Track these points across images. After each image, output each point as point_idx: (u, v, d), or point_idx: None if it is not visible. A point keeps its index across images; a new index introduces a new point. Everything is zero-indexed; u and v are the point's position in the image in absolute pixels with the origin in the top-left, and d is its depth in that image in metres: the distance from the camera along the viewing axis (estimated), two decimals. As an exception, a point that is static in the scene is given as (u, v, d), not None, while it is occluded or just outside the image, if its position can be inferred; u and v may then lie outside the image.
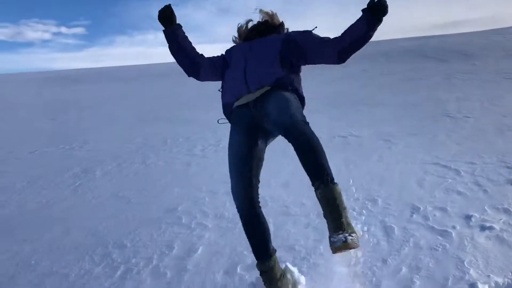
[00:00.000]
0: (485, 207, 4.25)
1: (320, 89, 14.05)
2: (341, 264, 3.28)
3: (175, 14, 2.94)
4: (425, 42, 24.39)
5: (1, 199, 5.28)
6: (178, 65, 3.15)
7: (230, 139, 2.82)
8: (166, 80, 23.64)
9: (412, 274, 3.08)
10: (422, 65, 17.82)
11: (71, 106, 13.51)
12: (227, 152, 2.87)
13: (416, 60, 19.29)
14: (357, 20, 2.75)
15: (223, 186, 5.39)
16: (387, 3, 2.64)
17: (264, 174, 5.72)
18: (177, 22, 2.98)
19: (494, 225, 3.80)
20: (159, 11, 2.92)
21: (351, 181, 5.33)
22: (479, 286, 2.86)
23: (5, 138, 9.29)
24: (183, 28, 3.02)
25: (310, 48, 2.89)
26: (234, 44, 3.21)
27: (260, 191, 2.83)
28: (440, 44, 22.47)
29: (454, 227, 3.82)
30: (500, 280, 2.95)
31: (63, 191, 5.55)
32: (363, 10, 2.71)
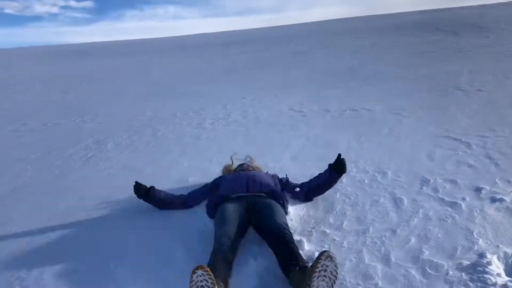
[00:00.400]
0: (496, 180, 4.24)
1: (330, 64, 13.92)
2: (350, 234, 3.32)
3: (142, 186, 3.93)
4: (438, 15, 23.92)
5: (16, 170, 5.37)
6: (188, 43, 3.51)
7: (223, 211, 3.36)
8: (176, 54, 23.55)
9: (421, 244, 3.11)
10: (434, 38, 17.52)
11: (82, 79, 13.54)
12: (235, 128, 3.33)
13: (428, 33, 18.96)
14: (324, 171, 3.97)
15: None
16: (346, 166, 3.85)
17: (275, 148, 5.77)
18: (148, 187, 3.93)
19: (504, 197, 3.80)
20: (134, 191, 3.92)
21: (361, 154, 5.34)
22: (488, 256, 2.89)
23: (19, 110, 9.39)
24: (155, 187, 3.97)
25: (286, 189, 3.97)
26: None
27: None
28: (453, 17, 22.02)
29: (464, 199, 3.84)
30: (509, 251, 2.98)
31: (76, 162, 5.63)
32: (329, 165, 3.94)
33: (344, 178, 4.48)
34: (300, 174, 4.71)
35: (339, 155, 3.91)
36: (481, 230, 3.28)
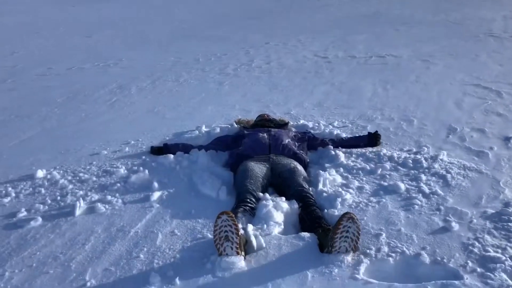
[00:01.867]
0: (526, 129, 4.14)
1: (356, 8, 13.43)
2: (373, 181, 3.31)
3: (157, 147, 4.05)
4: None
5: (43, 112, 5.46)
6: None
7: (245, 168, 3.38)
8: (197, -3, 23.00)
9: (445, 192, 3.09)
10: (469, -19, 16.62)
11: (105, 24, 13.40)
12: (258, 74, 3.37)
13: (462, -24, 17.98)
14: (359, 138, 4.04)
15: (255, 105, 5.41)
16: (380, 141, 3.97)
17: (298, 94, 5.70)
18: (163, 147, 4.01)
19: (533, 147, 3.72)
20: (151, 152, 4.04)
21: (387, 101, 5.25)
22: (513, 205, 2.86)
23: (45, 55, 9.41)
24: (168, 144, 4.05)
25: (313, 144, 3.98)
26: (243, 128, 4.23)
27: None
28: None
29: (491, 148, 3.77)
30: (535, 200, 2.94)
31: (101, 106, 5.68)
32: (368, 135, 4.00)
33: (368, 126, 4.44)
34: (324, 121, 4.68)
35: (377, 131, 4.04)
36: (507, 179, 3.24)
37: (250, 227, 2.64)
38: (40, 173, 3.65)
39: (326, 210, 2.96)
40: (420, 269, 2.35)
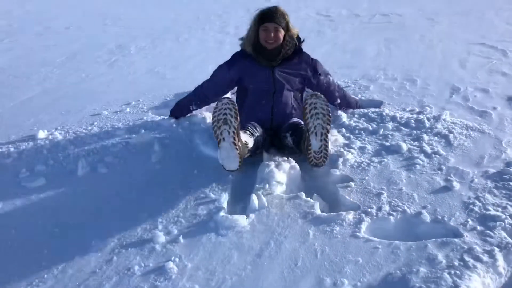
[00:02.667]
0: (530, 89, 4.11)
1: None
2: (374, 140, 3.30)
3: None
4: None
5: (43, 73, 5.40)
6: None
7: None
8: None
9: (447, 152, 3.09)
10: None
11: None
12: None
13: None
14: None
15: (258, 64, 5.33)
16: None
17: None
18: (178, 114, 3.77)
19: (537, 107, 3.70)
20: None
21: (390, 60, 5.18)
22: (515, 165, 2.86)
23: (42, 13, 9.25)
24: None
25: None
26: (248, 59, 3.34)
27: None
28: None
29: (494, 108, 3.74)
30: (537, 160, 2.94)
31: (100, 66, 5.62)
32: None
33: (371, 86, 4.39)
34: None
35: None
36: (510, 139, 3.23)
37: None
38: (42, 134, 3.64)
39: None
40: (421, 228, 2.38)
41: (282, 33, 3.19)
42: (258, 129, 3.12)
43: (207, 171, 3.05)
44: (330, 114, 2.42)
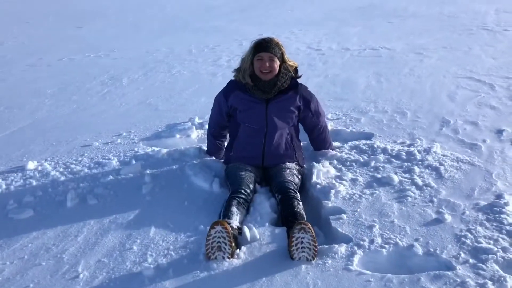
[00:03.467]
0: (518, 122, 4.16)
1: (350, 0, 13.40)
2: (366, 173, 3.31)
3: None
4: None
5: (34, 103, 5.39)
6: None
7: (235, 168, 3.23)
8: (190, -12, 22.82)
9: (438, 184, 3.10)
10: (462, -26, 16.65)
11: (96, 14, 13.27)
12: None
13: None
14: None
15: (250, 96, 5.37)
16: None
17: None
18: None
19: (526, 140, 3.74)
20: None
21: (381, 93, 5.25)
22: (506, 197, 2.88)
23: (35, 45, 9.30)
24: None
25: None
26: (243, 91, 3.26)
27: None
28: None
29: (484, 141, 3.78)
30: (527, 192, 2.96)
31: (92, 98, 5.62)
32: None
33: (362, 118, 4.43)
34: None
35: None
36: (500, 172, 3.25)
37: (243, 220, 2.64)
38: (31, 165, 3.61)
39: (321, 202, 2.96)
40: (413, 260, 2.37)
41: (277, 63, 3.10)
42: (250, 183, 3.05)
43: (198, 203, 3.03)
44: (317, 248, 2.38)
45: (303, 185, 3.26)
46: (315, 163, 3.38)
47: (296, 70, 3.30)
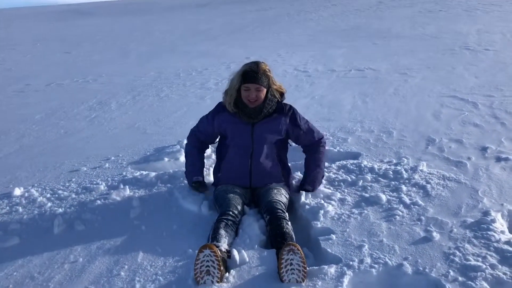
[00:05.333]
0: (502, 139, 4.24)
1: (335, 22, 13.67)
2: (354, 193, 3.32)
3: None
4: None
5: (21, 129, 5.37)
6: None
7: (223, 190, 3.21)
8: (176, 12, 23.11)
9: (426, 203, 3.12)
10: (443, -4, 17.10)
11: (83, 39, 13.38)
12: None
13: (436, -9, 18.46)
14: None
15: (238, 119, 5.40)
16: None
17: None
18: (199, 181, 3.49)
19: (510, 157, 3.80)
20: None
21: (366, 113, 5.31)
22: (492, 214, 2.90)
23: (23, 71, 9.32)
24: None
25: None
26: (230, 113, 3.29)
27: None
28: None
29: (469, 158, 3.83)
30: (513, 209, 2.99)
31: (80, 123, 5.62)
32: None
33: (349, 138, 4.47)
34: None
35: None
36: (486, 188, 3.29)
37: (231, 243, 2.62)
38: (18, 191, 3.57)
39: (310, 222, 2.96)
40: (403, 280, 2.36)
41: (263, 92, 3.15)
42: (240, 205, 3.06)
43: (187, 226, 3.01)
44: (306, 270, 2.37)
45: (292, 205, 3.26)
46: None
47: (281, 93, 3.35)
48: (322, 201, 3.19)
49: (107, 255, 2.70)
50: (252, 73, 3.12)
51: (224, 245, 2.61)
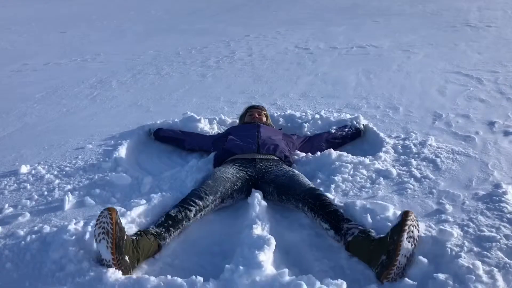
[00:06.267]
0: (509, 114, 4.23)
1: (334, 0, 13.51)
2: (364, 165, 3.31)
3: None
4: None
5: (23, 108, 5.29)
6: None
7: (219, 170, 3.07)
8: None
9: (436, 176, 3.12)
10: (442, -27, 16.91)
11: (79, 19, 13.16)
12: (241, 66, 3.33)
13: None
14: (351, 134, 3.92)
15: (241, 96, 5.38)
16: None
17: (283, 85, 5.69)
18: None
19: (518, 131, 3.80)
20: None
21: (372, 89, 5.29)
22: (503, 187, 2.91)
23: (19, 51, 9.17)
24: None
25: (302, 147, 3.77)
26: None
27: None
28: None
29: (477, 133, 3.83)
30: (523, 181, 3.00)
31: (82, 101, 5.55)
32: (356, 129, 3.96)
33: (355, 114, 4.45)
34: (311, 110, 4.68)
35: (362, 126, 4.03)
36: (495, 162, 3.29)
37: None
38: (24, 169, 3.54)
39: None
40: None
41: (264, 117, 3.97)
42: (210, 196, 2.77)
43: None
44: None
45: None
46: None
47: None
48: (333, 176, 3.18)
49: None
50: (254, 105, 4.15)
51: (157, 229, 2.48)
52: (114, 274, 2.16)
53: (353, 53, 7.31)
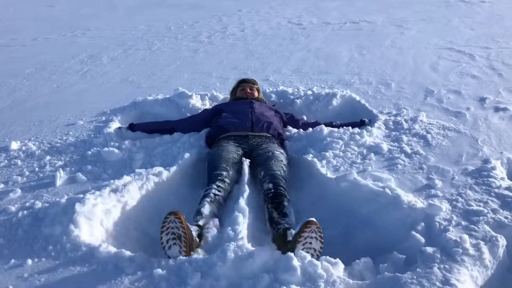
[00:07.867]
0: (500, 90, 4.25)
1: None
2: (355, 142, 3.32)
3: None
4: None
5: (12, 84, 5.22)
6: None
7: (219, 153, 3.08)
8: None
9: (426, 151, 3.15)
10: None
11: (67, -7, 12.93)
12: (233, 41, 3.19)
13: None
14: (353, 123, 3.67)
15: (233, 72, 5.34)
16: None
17: (275, 61, 5.65)
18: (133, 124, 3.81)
19: (508, 107, 3.83)
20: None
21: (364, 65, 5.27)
22: (492, 162, 2.94)
23: (6, 25, 9.00)
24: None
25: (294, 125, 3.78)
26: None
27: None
28: None
29: (468, 109, 3.85)
30: (512, 156, 3.04)
31: (72, 76, 5.49)
32: (361, 120, 3.72)
33: (348, 90, 4.44)
34: (303, 86, 4.66)
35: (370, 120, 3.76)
36: (485, 137, 3.32)
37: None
38: (15, 145, 3.51)
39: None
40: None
41: (256, 92, 3.93)
42: (229, 177, 2.88)
43: (190, 177, 3.00)
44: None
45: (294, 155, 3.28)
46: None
47: None
48: (324, 152, 3.19)
49: (112, 205, 2.69)
50: (246, 79, 4.06)
51: (202, 221, 2.50)
52: (106, 249, 2.18)
53: (346, 29, 7.26)
